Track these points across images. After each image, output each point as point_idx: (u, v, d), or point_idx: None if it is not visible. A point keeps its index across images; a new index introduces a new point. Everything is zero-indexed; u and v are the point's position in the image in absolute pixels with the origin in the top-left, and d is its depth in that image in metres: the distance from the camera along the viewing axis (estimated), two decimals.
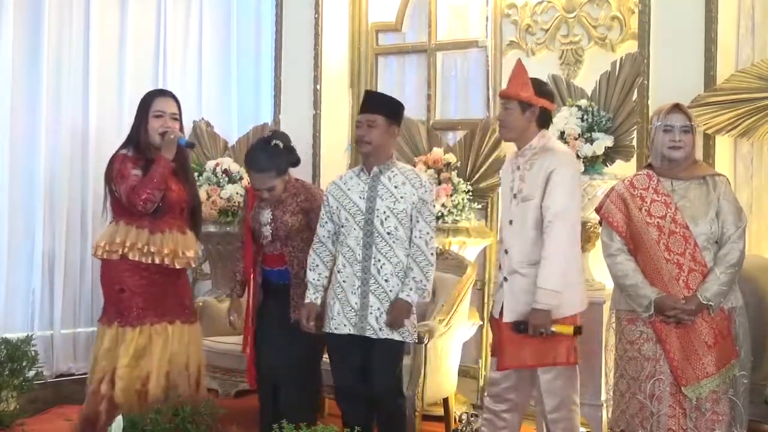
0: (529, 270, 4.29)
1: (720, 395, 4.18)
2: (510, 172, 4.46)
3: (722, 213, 4.23)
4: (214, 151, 7.06)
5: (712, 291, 4.14)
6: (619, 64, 5.38)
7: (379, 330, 4.49)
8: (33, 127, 6.40)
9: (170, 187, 4.87)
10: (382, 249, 4.51)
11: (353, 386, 4.62)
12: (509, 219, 4.39)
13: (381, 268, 4.50)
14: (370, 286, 4.51)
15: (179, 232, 4.91)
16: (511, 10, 6.24)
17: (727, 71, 5.30)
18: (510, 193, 4.42)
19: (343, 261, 4.57)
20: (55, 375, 6.37)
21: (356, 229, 4.54)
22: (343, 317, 4.54)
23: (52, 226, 6.45)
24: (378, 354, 4.54)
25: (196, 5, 7.35)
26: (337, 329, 4.55)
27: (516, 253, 4.33)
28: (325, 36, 7.07)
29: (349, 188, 4.62)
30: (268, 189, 4.77)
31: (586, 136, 5.26)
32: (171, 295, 4.93)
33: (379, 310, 4.49)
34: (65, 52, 6.57)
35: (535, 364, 4.33)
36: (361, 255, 4.53)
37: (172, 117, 4.92)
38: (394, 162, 4.68)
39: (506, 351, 4.33)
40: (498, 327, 4.41)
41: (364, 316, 4.50)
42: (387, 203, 4.52)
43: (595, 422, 5.10)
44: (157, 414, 4.36)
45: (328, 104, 7.10)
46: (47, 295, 6.45)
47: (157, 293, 4.87)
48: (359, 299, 4.52)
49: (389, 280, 4.50)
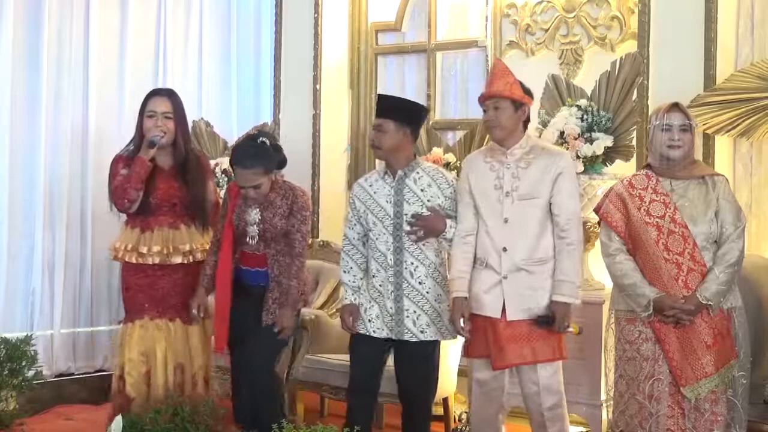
0: (537, 267, 4.29)
1: (719, 395, 4.18)
2: (489, 170, 4.40)
3: (721, 213, 4.23)
4: (214, 151, 7.06)
5: (712, 291, 4.13)
6: (618, 63, 5.38)
7: (420, 333, 4.49)
8: (33, 127, 6.40)
9: (158, 186, 4.90)
10: (414, 252, 4.50)
11: (369, 382, 4.62)
12: (504, 217, 4.33)
13: (414, 271, 4.49)
14: (403, 290, 4.50)
15: (171, 229, 4.94)
16: (510, 10, 6.24)
17: (727, 71, 5.30)
18: (497, 191, 4.36)
19: (377, 266, 4.56)
20: (54, 375, 6.37)
21: (385, 234, 4.53)
22: (381, 321, 4.53)
23: (51, 226, 6.45)
24: (412, 356, 4.54)
25: (196, 5, 7.36)
26: (376, 333, 4.53)
27: (520, 251, 4.29)
28: (324, 36, 7.07)
29: (375, 191, 4.59)
30: (254, 187, 4.71)
31: (585, 136, 5.25)
32: (173, 294, 4.95)
33: (416, 312, 4.49)
34: (65, 52, 6.56)
35: (536, 360, 4.31)
36: (393, 260, 4.51)
37: (164, 116, 4.91)
38: (418, 162, 4.63)
39: (507, 349, 4.29)
40: (494, 326, 4.32)
41: (401, 320, 4.49)
42: (414, 207, 4.50)
43: (595, 422, 5.10)
44: (156, 414, 4.36)
45: (328, 104, 7.10)
46: (47, 295, 6.44)
47: (159, 290, 4.92)
48: (394, 304, 4.50)
49: (423, 283, 4.50)
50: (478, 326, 4.38)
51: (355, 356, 4.68)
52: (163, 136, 4.88)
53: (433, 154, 6.14)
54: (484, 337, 4.35)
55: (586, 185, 5.20)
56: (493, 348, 4.32)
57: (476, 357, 4.43)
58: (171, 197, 4.94)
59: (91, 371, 6.54)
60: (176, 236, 4.95)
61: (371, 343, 4.56)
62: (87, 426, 5.67)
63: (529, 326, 4.28)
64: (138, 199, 4.83)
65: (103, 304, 6.62)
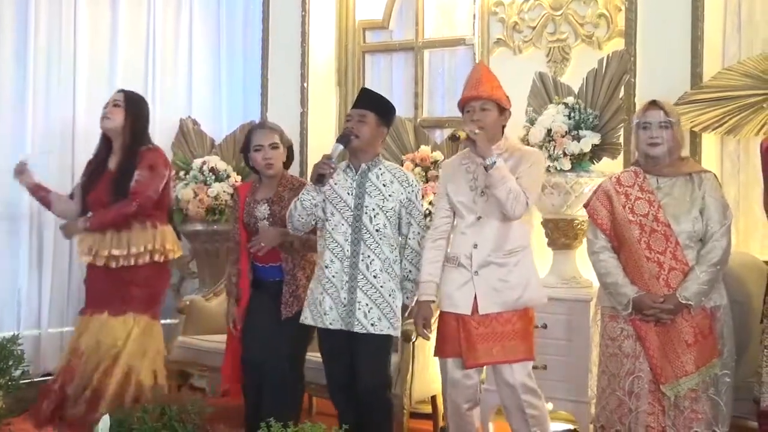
0: (507, 259, 4.32)
1: (699, 394, 4.19)
2: (465, 172, 4.45)
3: (707, 210, 4.23)
4: (201, 149, 7.05)
5: (692, 290, 4.14)
6: (605, 61, 5.39)
7: (371, 325, 4.48)
8: (20, 125, 6.37)
9: (95, 188, 5.14)
10: (371, 245, 4.50)
11: (348, 382, 4.60)
12: (477, 216, 4.36)
13: (370, 264, 4.49)
14: (357, 282, 4.49)
15: (100, 232, 5.12)
16: (498, 8, 6.24)
17: (714, 69, 5.31)
18: (472, 192, 4.39)
19: (331, 256, 4.54)
20: (41, 374, 6.34)
21: (344, 225, 4.53)
22: (336, 313, 4.51)
23: (39, 225, 6.42)
24: (365, 348, 4.53)
25: (185, 4, 7.34)
26: (332, 324, 4.52)
27: (489, 245, 4.32)
28: (312, 34, 7.07)
29: (336, 182, 4.58)
30: (272, 145, 4.87)
31: (572, 134, 5.26)
32: (104, 290, 5.16)
33: (368, 305, 4.48)
34: (54, 51, 6.54)
35: (506, 360, 4.32)
36: (350, 251, 4.51)
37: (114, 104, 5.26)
38: (381, 160, 4.67)
39: (478, 348, 4.30)
40: (465, 324, 4.33)
41: (352, 312, 4.48)
42: (376, 200, 4.52)
43: (582, 419, 5.11)
44: (144, 413, 4.35)
45: (316, 102, 7.09)
46: (34, 294, 6.42)
47: (90, 287, 5.25)
48: (347, 294, 4.50)
49: (378, 276, 4.49)
50: (450, 325, 4.39)
51: (326, 356, 4.69)
52: None
53: (420, 152, 6.14)
54: (456, 336, 4.36)
55: (573, 183, 5.22)
56: (465, 346, 4.33)
57: (448, 356, 4.42)
58: (98, 201, 5.11)
59: None
60: (102, 240, 5.10)
61: (334, 337, 4.55)
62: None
63: (501, 324, 4.30)
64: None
65: None
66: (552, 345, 5.10)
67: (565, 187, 5.24)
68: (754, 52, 5.26)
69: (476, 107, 4.38)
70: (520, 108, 5.51)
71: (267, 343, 4.79)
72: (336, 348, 4.59)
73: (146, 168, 5.12)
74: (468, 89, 4.45)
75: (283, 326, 4.80)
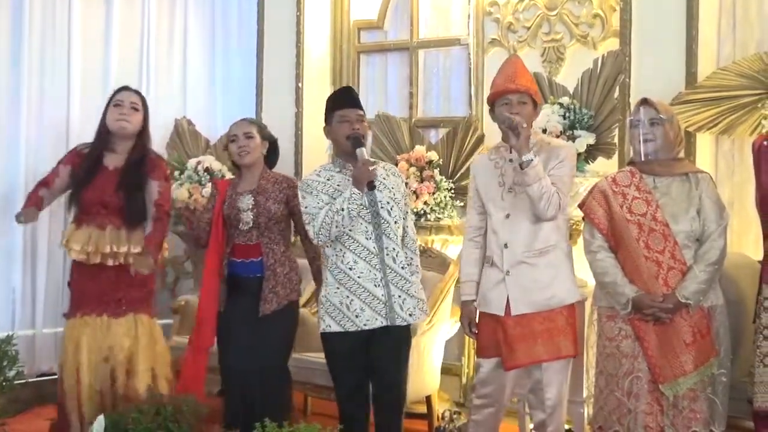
0: (536, 259, 4.29)
1: (698, 393, 4.19)
2: (493, 168, 4.42)
3: (704, 210, 4.24)
4: (196, 149, 7.05)
5: (691, 289, 4.14)
6: (600, 61, 5.40)
7: (409, 316, 4.47)
8: (15, 125, 6.36)
9: (95, 185, 5.05)
10: (394, 238, 4.48)
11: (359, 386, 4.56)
12: (505, 213, 4.33)
13: (396, 257, 4.46)
14: (388, 276, 4.45)
15: (98, 229, 5.05)
16: (493, 8, 6.25)
17: (709, 69, 5.32)
18: (500, 188, 4.36)
19: (354, 257, 4.44)
20: (36, 375, 6.34)
21: (363, 224, 4.44)
22: (371, 311, 4.44)
23: (33, 225, 6.35)
24: (389, 344, 4.50)
25: (180, 4, 7.33)
26: (367, 325, 4.43)
27: (519, 244, 4.29)
28: (307, 34, 7.07)
29: (338, 183, 4.49)
30: (246, 134, 4.87)
31: (568, 134, 5.27)
32: (102, 291, 5.07)
33: (401, 297, 4.46)
34: (48, 50, 6.53)
35: (548, 358, 4.30)
36: (375, 248, 4.45)
37: (132, 106, 5.15)
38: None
39: (518, 348, 4.28)
40: (503, 325, 4.31)
41: (391, 307, 4.44)
42: (386, 194, 4.49)
43: (578, 419, 5.11)
44: (138, 413, 4.34)
45: (310, 102, 7.08)
46: (29, 294, 6.41)
47: (89, 288, 5.08)
48: (384, 290, 4.45)
49: (405, 268, 4.49)
50: (488, 326, 4.39)
51: (338, 356, 4.56)
52: None
53: (415, 152, 6.14)
54: (494, 336, 4.35)
55: None
56: (504, 348, 4.31)
57: (488, 357, 4.40)
58: (101, 200, 5.05)
59: None
60: (100, 237, 5.03)
61: (353, 339, 4.47)
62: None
63: (538, 323, 4.28)
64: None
65: None
66: None
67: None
68: (748, 53, 5.26)
69: (514, 100, 4.28)
70: None
71: (248, 350, 4.75)
72: (353, 349, 4.50)
73: (164, 179, 5.18)
74: (504, 81, 4.34)
75: (262, 325, 4.76)
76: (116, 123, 5.08)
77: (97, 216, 5.05)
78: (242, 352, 4.77)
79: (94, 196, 5.05)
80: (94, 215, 5.06)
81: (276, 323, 4.78)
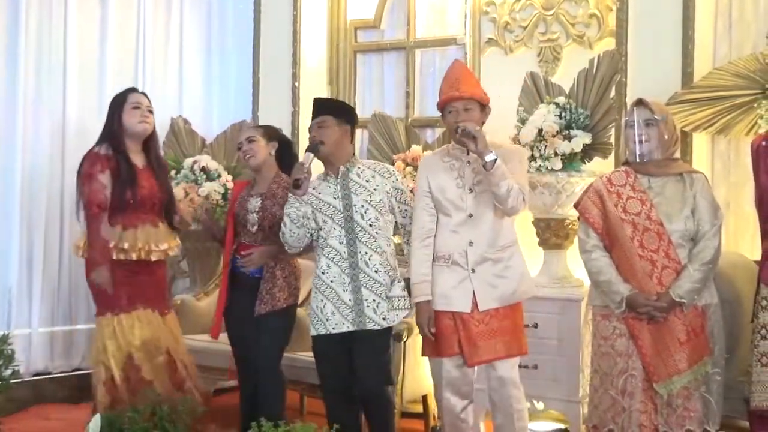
0: (501, 254, 4.34)
1: (692, 392, 4.20)
2: (449, 169, 4.42)
3: (698, 210, 4.25)
4: (192, 148, 7.05)
5: (685, 288, 4.16)
6: (597, 61, 5.39)
7: (383, 320, 4.49)
8: (11, 124, 6.34)
9: (141, 185, 5.03)
10: (367, 241, 4.50)
11: (343, 385, 4.60)
12: (468, 213, 4.35)
13: (369, 261, 4.49)
14: (360, 281, 4.49)
15: (152, 226, 5.09)
16: (489, 8, 6.24)
17: (705, 69, 5.32)
18: (459, 189, 4.37)
19: (327, 262, 4.54)
20: (32, 374, 6.33)
21: (337, 229, 4.53)
22: (340, 316, 4.50)
23: (29, 224, 6.40)
24: (367, 347, 4.52)
25: (176, 3, 7.33)
26: (335, 329, 4.50)
27: (484, 242, 4.33)
28: (303, 33, 7.06)
29: (319, 192, 4.60)
30: (248, 139, 4.98)
31: (564, 134, 5.27)
32: (150, 287, 5.10)
33: (375, 301, 4.48)
34: (44, 50, 6.51)
35: (508, 355, 4.34)
36: (347, 252, 4.51)
37: (147, 109, 5.18)
38: (357, 159, 4.69)
39: (479, 345, 4.30)
40: (465, 322, 4.32)
41: (361, 311, 4.48)
42: (363, 197, 4.53)
43: (573, 418, 5.11)
44: (134, 413, 4.34)
45: (307, 102, 7.01)
46: (25, 293, 6.40)
47: (138, 285, 5.04)
48: (352, 295, 4.49)
49: (379, 271, 4.50)
50: (447, 324, 4.37)
51: (323, 362, 4.66)
52: None
53: (411, 151, 6.14)
54: (455, 335, 4.35)
55: (564, 183, 5.22)
56: (466, 345, 4.32)
57: (446, 356, 4.39)
58: (153, 196, 5.10)
59: (69, 370, 6.51)
60: (157, 234, 5.10)
61: (332, 342, 4.54)
62: (65, 425, 5.66)
63: (499, 320, 4.31)
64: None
65: (81, 302, 6.56)
66: (543, 344, 5.09)
67: (556, 187, 5.24)
68: (744, 52, 5.27)
69: (459, 108, 4.33)
70: (511, 108, 5.52)
71: (254, 345, 4.89)
72: (333, 351, 4.57)
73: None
74: (448, 89, 4.39)
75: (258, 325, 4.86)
76: (140, 125, 5.13)
77: (149, 213, 5.10)
78: (251, 347, 4.91)
79: (150, 193, 5.09)
80: (147, 213, 5.09)
81: (270, 325, 4.86)
